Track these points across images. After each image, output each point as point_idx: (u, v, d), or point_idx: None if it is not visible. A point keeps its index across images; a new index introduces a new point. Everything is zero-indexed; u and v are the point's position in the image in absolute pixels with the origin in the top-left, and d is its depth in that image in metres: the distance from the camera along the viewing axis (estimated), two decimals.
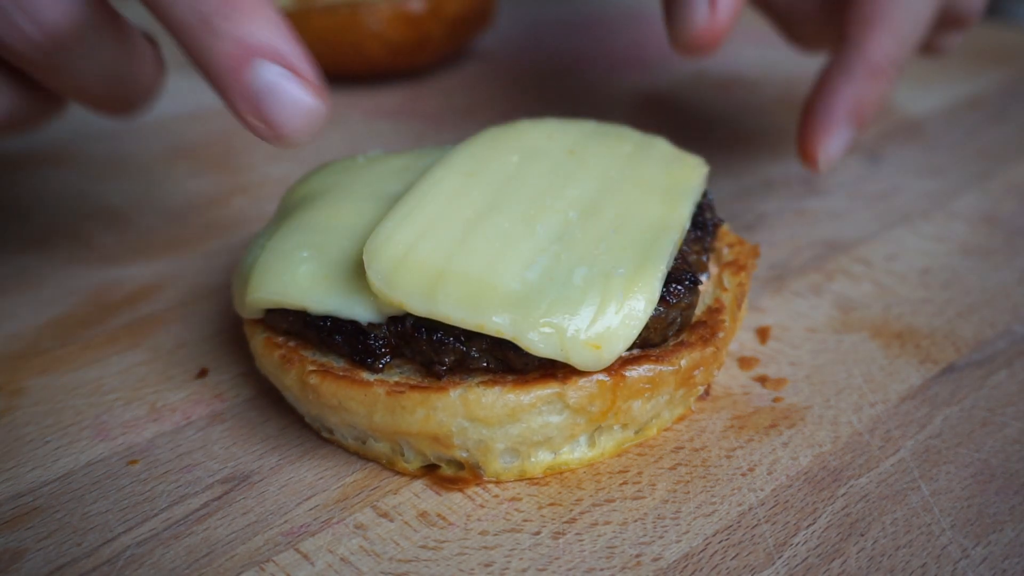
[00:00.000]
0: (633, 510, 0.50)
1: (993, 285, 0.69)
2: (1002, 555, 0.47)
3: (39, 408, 0.58)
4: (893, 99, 1.03)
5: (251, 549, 0.48)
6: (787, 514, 0.49)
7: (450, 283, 0.48)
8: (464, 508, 0.50)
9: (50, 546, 0.48)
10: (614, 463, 0.53)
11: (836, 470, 0.52)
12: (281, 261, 0.53)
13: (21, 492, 0.52)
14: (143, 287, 0.70)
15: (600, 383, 0.49)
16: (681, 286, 0.52)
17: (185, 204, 0.83)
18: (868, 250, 0.74)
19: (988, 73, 1.10)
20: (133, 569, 0.47)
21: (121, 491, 0.51)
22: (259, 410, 0.57)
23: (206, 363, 0.62)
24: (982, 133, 0.95)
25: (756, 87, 1.08)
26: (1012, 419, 0.56)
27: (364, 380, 0.50)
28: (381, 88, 1.09)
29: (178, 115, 1.01)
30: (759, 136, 0.95)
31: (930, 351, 0.62)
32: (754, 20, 0.97)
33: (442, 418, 0.49)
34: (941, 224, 0.77)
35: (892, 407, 0.57)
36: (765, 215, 0.79)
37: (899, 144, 0.93)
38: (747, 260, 0.60)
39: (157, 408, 0.58)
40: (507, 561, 0.47)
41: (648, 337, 0.51)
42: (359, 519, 0.49)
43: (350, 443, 0.53)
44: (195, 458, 0.54)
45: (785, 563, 0.46)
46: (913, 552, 0.47)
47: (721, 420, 0.56)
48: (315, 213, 0.57)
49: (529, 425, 0.50)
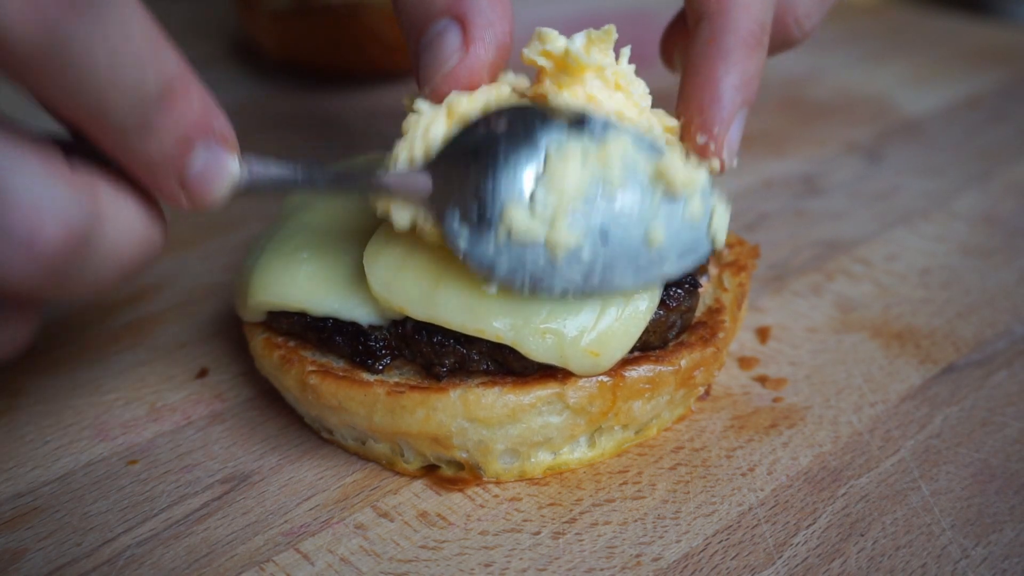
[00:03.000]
0: (633, 510, 0.50)
1: (993, 285, 0.69)
2: (1002, 555, 0.47)
3: (39, 408, 0.58)
4: (893, 99, 1.03)
5: (251, 549, 0.48)
6: (787, 514, 0.49)
7: (450, 288, 0.48)
8: (464, 508, 0.50)
9: (50, 546, 0.48)
10: (614, 463, 0.53)
11: (836, 470, 0.52)
12: (282, 264, 0.53)
13: (21, 492, 0.52)
14: (143, 287, 0.70)
15: (600, 384, 0.49)
16: (681, 289, 0.52)
17: None
18: (868, 250, 0.74)
19: (988, 73, 1.10)
20: (133, 569, 0.47)
21: (121, 491, 0.51)
22: (259, 410, 0.57)
23: (206, 363, 0.62)
24: (982, 133, 0.95)
25: None
26: (1012, 419, 0.55)
27: (364, 380, 0.50)
28: (381, 88, 1.09)
29: None
30: (759, 136, 0.95)
31: (930, 351, 0.62)
32: None
33: (442, 418, 0.49)
34: (941, 224, 0.77)
35: (892, 407, 0.57)
36: (765, 215, 0.79)
37: (899, 144, 0.93)
38: (747, 260, 0.60)
39: (157, 408, 0.58)
40: (507, 561, 0.47)
41: (648, 340, 0.51)
42: (359, 519, 0.49)
43: (350, 443, 0.53)
44: (195, 458, 0.54)
45: (785, 563, 0.46)
46: (913, 552, 0.47)
47: (721, 420, 0.56)
48: (316, 215, 0.57)
49: (529, 425, 0.49)
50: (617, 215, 0.48)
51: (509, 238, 0.46)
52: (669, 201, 0.49)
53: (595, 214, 0.47)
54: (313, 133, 0.96)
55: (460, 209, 0.46)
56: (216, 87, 0.44)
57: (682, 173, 0.49)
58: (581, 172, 0.47)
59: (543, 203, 0.46)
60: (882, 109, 1.01)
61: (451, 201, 0.47)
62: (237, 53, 1.19)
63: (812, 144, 0.93)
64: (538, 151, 0.47)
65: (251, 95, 1.06)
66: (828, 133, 0.95)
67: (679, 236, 0.49)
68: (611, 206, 0.48)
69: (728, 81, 0.53)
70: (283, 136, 0.95)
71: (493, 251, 0.46)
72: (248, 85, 1.09)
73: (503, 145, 0.47)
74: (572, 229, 0.47)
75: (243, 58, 1.17)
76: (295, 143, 0.94)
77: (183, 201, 0.42)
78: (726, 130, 0.53)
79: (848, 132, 0.95)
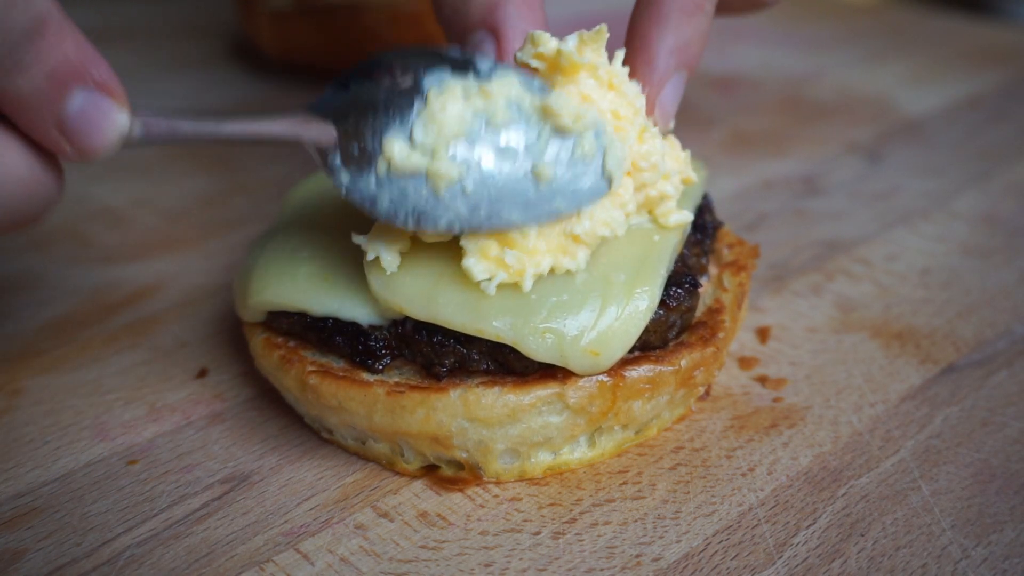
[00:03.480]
0: (633, 510, 0.50)
1: (993, 285, 0.69)
2: (1003, 555, 0.47)
3: (38, 408, 0.58)
4: (893, 99, 1.03)
5: (251, 549, 0.48)
6: (787, 514, 0.49)
7: (450, 288, 0.48)
8: (464, 508, 0.50)
9: (50, 546, 0.48)
10: (614, 463, 0.53)
11: (836, 470, 0.52)
12: (282, 264, 0.53)
13: (21, 492, 0.52)
14: (143, 287, 0.70)
15: (600, 383, 0.49)
16: (681, 289, 0.52)
17: (185, 204, 0.83)
18: (868, 250, 0.74)
19: (988, 73, 1.10)
20: (133, 569, 0.47)
21: (121, 491, 0.51)
22: (259, 410, 0.57)
23: (206, 363, 0.62)
24: (982, 133, 0.95)
25: (756, 87, 1.08)
26: (1012, 419, 0.55)
27: (364, 380, 0.50)
28: None
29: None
30: (759, 136, 0.95)
31: (930, 351, 0.62)
32: (754, 20, 0.97)
33: (442, 418, 0.49)
34: (941, 224, 0.77)
35: (892, 407, 0.57)
36: (765, 215, 0.79)
37: (899, 144, 0.93)
38: (747, 260, 0.60)
39: (157, 408, 0.58)
40: (507, 561, 0.47)
41: (648, 339, 0.51)
42: (359, 519, 0.49)
43: (350, 443, 0.53)
44: (195, 458, 0.54)
45: (785, 563, 0.46)
46: (913, 552, 0.47)
47: (721, 420, 0.56)
48: (316, 215, 0.57)
49: (529, 425, 0.49)
50: (503, 150, 0.48)
51: (389, 172, 0.47)
52: (559, 139, 0.49)
53: (478, 148, 0.48)
54: None
55: (342, 149, 0.48)
56: (216, 87, 0.44)
57: (568, 109, 0.49)
58: (463, 107, 0.48)
59: (423, 137, 0.47)
60: (882, 109, 1.01)
61: (335, 144, 0.48)
62: (237, 53, 1.19)
63: (812, 144, 0.93)
64: (421, 91, 0.48)
65: (251, 95, 1.06)
66: (828, 133, 0.95)
67: (571, 173, 0.49)
68: (495, 140, 0.48)
69: (663, 44, 0.54)
70: None
71: (375, 185, 0.47)
72: (248, 85, 1.09)
73: (384, 86, 0.48)
74: (453, 161, 0.47)
75: (243, 58, 1.17)
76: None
77: (65, 147, 0.42)
78: (658, 91, 0.54)
79: (848, 132, 0.95)
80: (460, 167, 0.47)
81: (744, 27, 1.17)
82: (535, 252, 0.49)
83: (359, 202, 0.48)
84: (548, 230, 0.49)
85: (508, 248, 0.48)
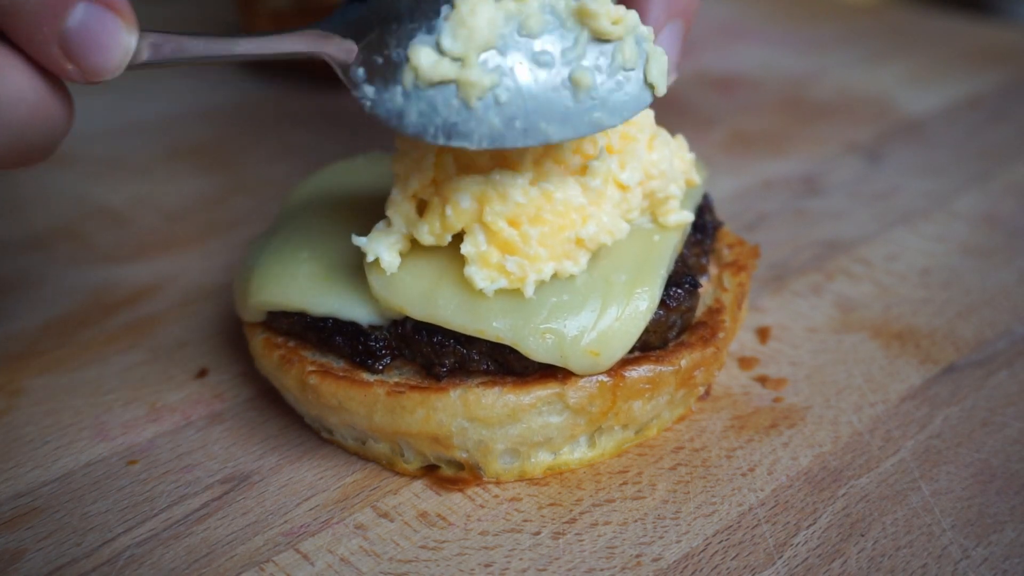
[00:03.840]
0: (633, 510, 0.50)
1: (993, 285, 0.69)
2: (1003, 555, 0.46)
3: (38, 408, 0.58)
4: (893, 99, 1.03)
5: (251, 549, 0.48)
6: (787, 514, 0.49)
7: (450, 288, 0.48)
8: (464, 508, 0.50)
9: (50, 546, 0.48)
10: (614, 463, 0.53)
11: (836, 470, 0.52)
12: (282, 264, 0.53)
13: (21, 492, 0.52)
14: (143, 287, 0.70)
15: (600, 383, 0.49)
16: (681, 290, 0.52)
17: (185, 204, 0.83)
18: (868, 250, 0.74)
19: (988, 73, 1.10)
20: (133, 569, 0.47)
21: (121, 491, 0.51)
22: (259, 410, 0.57)
23: (206, 363, 0.62)
24: (982, 133, 0.95)
25: (756, 87, 1.08)
26: (1012, 419, 0.55)
27: (364, 380, 0.50)
28: None
29: (178, 115, 1.01)
30: (759, 136, 0.95)
31: (930, 351, 0.61)
32: (754, 20, 0.97)
33: (442, 418, 0.49)
34: (941, 224, 0.77)
35: (892, 407, 0.57)
36: (765, 215, 0.79)
37: (899, 144, 0.93)
38: (747, 260, 0.60)
39: (157, 408, 0.58)
40: (507, 561, 0.47)
41: (648, 340, 0.51)
42: (359, 519, 0.49)
43: (350, 443, 0.53)
44: (195, 458, 0.54)
45: (785, 563, 0.46)
46: (913, 552, 0.47)
47: (721, 420, 0.56)
48: (315, 215, 0.57)
49: (529, 425, 0.49)
50: (538, 56, 0.45)
51: (416, 83, 0.44)
52: (598, 45, 0.46)
53: (511, 55, 0.44)
54: (313, 133, 0.96)
55: (365, 62, 0.45)
56: (216, 87, 0.44)
57: (607, 11, 0.46)
58: (494, 11, 0.44)
59: (452, 43, 0.44)
60: (882, 109, 1.01)
61: (357, 58, 0.45)
62: None
63: (812, 144, 0.93)
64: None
65: (251, 95, 1.06)
66: (828, 133, 0.95)
67: (612, 82, 0.47)
68: (529, 46, 0.45)
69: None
70: (283, 136, 0.95)
71: (401, 98, 0.44)
72: (248, 85, 1.09)
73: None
74: (485, 69, 0.44)
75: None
76: (295, 143, 0.94)
77: (67, 67, 0.41)
78: (654, 41, 0.52)
79: (848, 132, 0.95)
80: (492, 75, 0.44)
81: (744, 27, 1.17)
82: (537, 258, 0.48)
83: (384, 118, 0.44)
84: (551, 237, 0.49)
85: (509, 255, 0.48)
